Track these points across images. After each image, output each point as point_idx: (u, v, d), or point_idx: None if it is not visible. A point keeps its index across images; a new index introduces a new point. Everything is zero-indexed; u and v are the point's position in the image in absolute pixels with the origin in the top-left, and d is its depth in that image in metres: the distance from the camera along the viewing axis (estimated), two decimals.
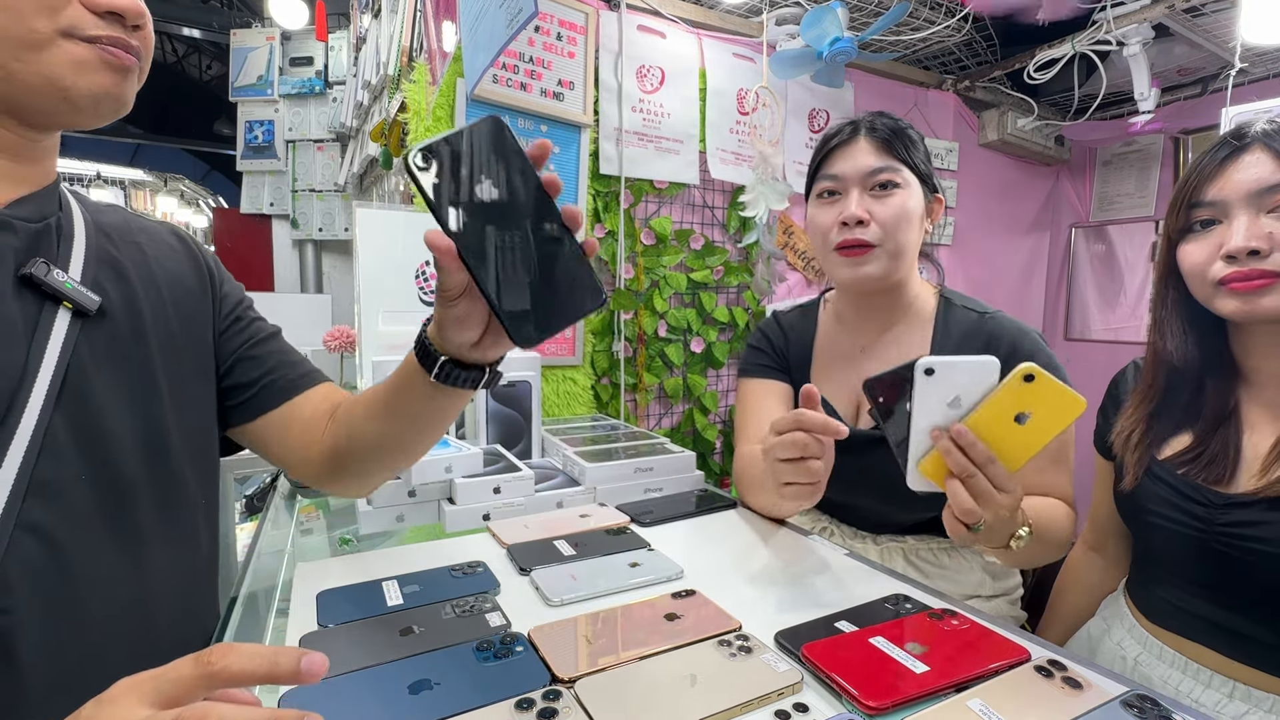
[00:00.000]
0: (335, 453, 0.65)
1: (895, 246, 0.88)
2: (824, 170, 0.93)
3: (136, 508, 0.54)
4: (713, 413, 1.82)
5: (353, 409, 0.65)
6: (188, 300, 0.63)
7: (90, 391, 0.52)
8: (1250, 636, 0.67)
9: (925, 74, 2.11)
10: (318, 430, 0.67)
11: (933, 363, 0.59)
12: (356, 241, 1.15)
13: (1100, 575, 0.88)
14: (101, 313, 0.54)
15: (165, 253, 0.63)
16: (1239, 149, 0.66)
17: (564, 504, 0.92)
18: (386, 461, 0.65)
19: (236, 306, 0.68)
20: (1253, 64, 1.82)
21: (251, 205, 3.26)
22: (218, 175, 6.90)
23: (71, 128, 0.54)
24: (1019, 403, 0.59)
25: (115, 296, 0.56)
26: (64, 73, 0.49)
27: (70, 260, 0.54)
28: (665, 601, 0.61)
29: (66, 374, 0.50)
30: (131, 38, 0.52)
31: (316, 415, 0.68)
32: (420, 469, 0.84)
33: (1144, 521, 0.75)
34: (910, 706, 0.47)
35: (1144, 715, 0.45)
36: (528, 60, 1.47)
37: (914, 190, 0.89)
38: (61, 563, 0.48)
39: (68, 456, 0.50)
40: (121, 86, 0.52)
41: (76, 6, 0.48)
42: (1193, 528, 0.69)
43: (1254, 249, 0.63)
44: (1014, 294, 2.45)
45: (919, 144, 0.92)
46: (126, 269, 0.58)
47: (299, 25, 2.96)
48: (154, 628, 0.54)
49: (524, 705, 0.45)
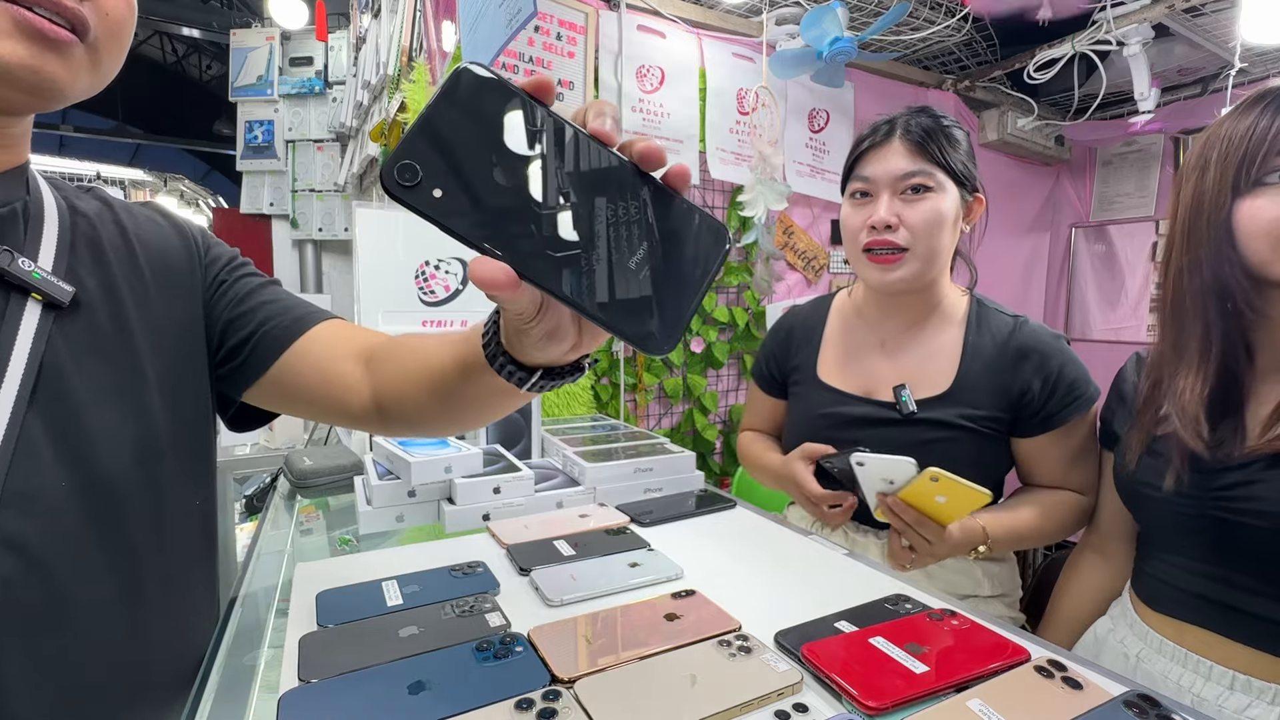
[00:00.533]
0: (382, 411, 0.58)
1: (926, 251, 0.89)
2: (857, 171, 0.93)
3: (126, 516, 0.50)
4: (713, 413, 1.82)
5: (398, 375, 0.57)
6: (175, 278, 0.58)
7: (68, 390, 0.47)
8: (1248, 611, 0.66)
9: (925, 74, 2.11)
10: (343, 375, 0.60)
11: (863, 459, 0.79)
12: (356, 241, 1.15)
13: (1101, 577, 0.88)
14: (76, 304, 0.49)
15: (148, 230, 0.59)
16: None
17: (564, 504, 0.92)
18: (442, 431, 0.62)
19: (223, 269, 0.63)
20: (1252, 64, 1.82)
21: (251, 205, 3.26)
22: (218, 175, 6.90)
23: (5, 108, 0.46)
24: (934, 491, 0.76)
25: (93, 285, 0.51)
26: None
27: (40, 247, 0.48)
28: (665, 601, 0.61)
29: (40, 372, 0.45)
30: (79, 5, 0.43)
31: (333, 358, 0.60)
32: (420, 469, 0.84)
33: (1140, 496, 0.75)
34: (910, 706, 0.47)
35: (1144, 715, 0.45)
36: (528, 60, 1.47)
37: (948, 193, 0.89)
38: (44, 579, 0.45)
39: (46, 462, 0.45)
40: (43, 60, 0.43)
41: None
42: (1191, 495, 0.68)
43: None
44: (1014, 294, 2.45)
45: (961, 143, 0.91)
46: (105, 252, 0.53)
47: (299, 25, 2.96)
48: (147, 647, 0.52)
49: (524, 705, 0.45)
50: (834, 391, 0.99)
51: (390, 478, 0.88)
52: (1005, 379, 0.89)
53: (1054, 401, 0.88)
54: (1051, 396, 0.88)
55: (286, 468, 1.10)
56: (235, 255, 0.66)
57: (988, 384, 0.90)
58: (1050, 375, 0.88)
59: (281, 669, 0.51)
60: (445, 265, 1.22)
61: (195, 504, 0.58)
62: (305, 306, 0.64)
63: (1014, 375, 0.89)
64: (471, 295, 1.23)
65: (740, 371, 1.87)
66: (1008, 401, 0.89)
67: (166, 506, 0.54)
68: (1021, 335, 0.91)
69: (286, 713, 0.45)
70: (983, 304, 0.97)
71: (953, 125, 0.91)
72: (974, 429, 0.90)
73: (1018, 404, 0.89)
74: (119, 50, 0.49)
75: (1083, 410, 0.88)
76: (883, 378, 0.96)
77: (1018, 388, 0.89)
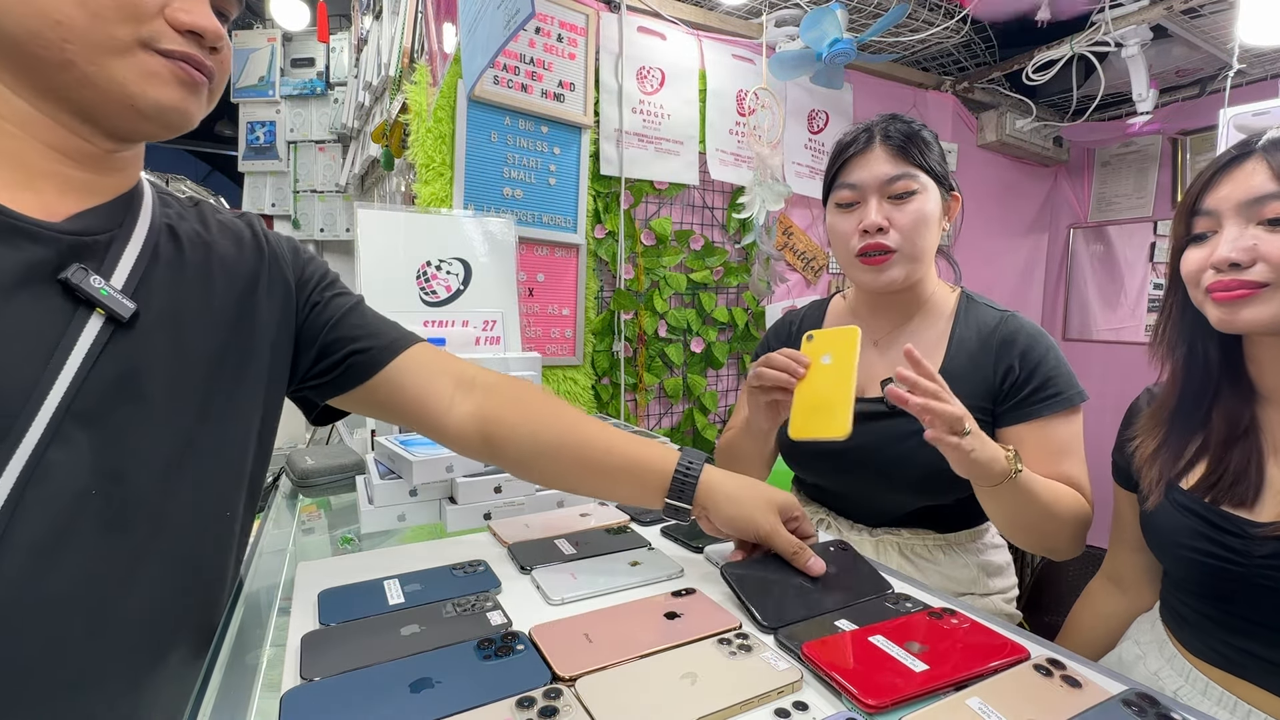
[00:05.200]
0: (489, 447, 0.71)
1: (914, 250, 0.91)
2: (841, 179, 0.94)
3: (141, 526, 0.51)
4: (713, 412, 1.82)
5: (530, 434, 0.70)
6: (249, 300, 0.61)
7: (113, 402, 0.50)
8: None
9: (924, 75, 2.11)
10: (436, 398, 0.69)
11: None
12: (358, 242, 1.15)
13: (1116, 605, 0.86)
14: (135, 319, 0.52)
15: (231, 252, 0.62)
16: (1238, 158, 0.66)
17: (564, 503, 0.93)
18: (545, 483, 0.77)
19: (315, 289, 0.68)
20: (1250, 65, 1.82)
21: (253, 206, 3.26)
22: (219, 176, 6.90)
23: (138, 138, 0.55)
24: (818, 352, 0.82)
25: (158, 306, 0.54)
26: (134, 80, 0.49)
27: (116, 267, 0.52)
28: (665, 600, 0.62)
29: (85, 382, 0.48)
30: (207, 58, 0.53)
31: (423, 383, 0.69)
32: (422, 468, 0.85)
33: (1177, 556, 0.71)
34: (910, 705, 0.47)
35: (1143, 714, 0.46)
36: (528, 62, 1.47)
37: (931, 193, 0.91)
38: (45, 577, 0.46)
39: (78, 468, 0.47)
40: (188, 102, 0.53)
41: (160, 21, 0.50)
42: (1232, 562, 0.65)
43: (1234, 261, 0.63)
44: (1013, 294, 2.45)
45: (933, 145, 0.93)
46: (182, 275, 0.57)
47: (300, 26, 2.96)
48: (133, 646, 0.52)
49: (525, 703, 0.45)
50: None
51: (392, 477, 0.88)
52: (987, 369, 0.90)
53: (1033, 389, 0.87)
54: (1030, 381, 0.87)
55: (289, 467, 1.10)
56: (325, 274, 0.71)
57: (972, 374, 0.90)
58: (1032, 363, 0.88)
59: (283, 667, 0.51)
60: (446, 265, 1.22)
61: (225, 514, 0.59)
62: (397, 330, 0.72)
63: (996, 362, 0.90)
64: (472, 295, 1.24)
65: (739, 371, 1.88)
66: (990, 390, 0.90)
67: (187, 520, 0.55)
68: (1007, 326, 0.92)
69: (289, 711, 0.45)
70: (972, 299, 0.98)
71: (923, 128, 0.94)
72: None
73: (999, 391, 0.89)
74: (222, 88, 0.59)
75: (1062, 409, 0.87)
76: (875, 375, 0.97)
77: (999, 373, 0.89)
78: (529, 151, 1.50)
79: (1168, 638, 0.76)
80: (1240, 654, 0.67)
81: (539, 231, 1.53)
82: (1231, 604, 0.67)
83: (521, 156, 1.50)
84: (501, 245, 1.29)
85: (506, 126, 1.47)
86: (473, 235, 1.27)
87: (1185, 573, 0.72)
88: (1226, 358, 0.72)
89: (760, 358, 0.86)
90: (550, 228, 1.55)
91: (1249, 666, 0.67)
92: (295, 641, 0.54)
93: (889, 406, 0.93)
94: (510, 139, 1.48)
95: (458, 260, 1.23)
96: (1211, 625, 0.70)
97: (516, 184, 1.50)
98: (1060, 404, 0.87)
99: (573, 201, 1.57)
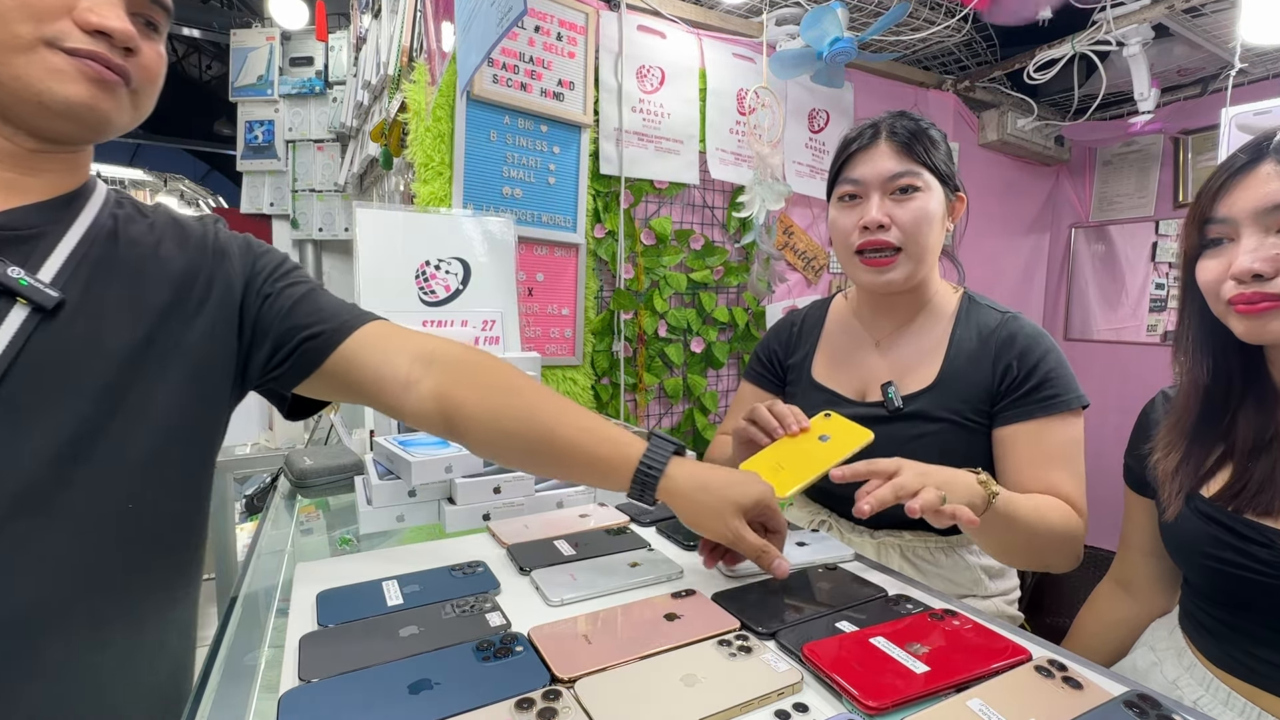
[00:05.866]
0: (451, 428, 0.68)
1: (917, 250, 0.90)
2: (845, 174, 0.94)
3: (53, 519, 0.52)
4: (713, 413, 1.82)
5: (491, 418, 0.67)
6: (184, 296, 0.61)
7: (24, 387, 0.51)
8: None
9: (925, 74, 2.11)
10: (392, 377, 0.67)
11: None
12: (357, 241, 1.15)
13: (1125, 611, 0.84)
14: (59, 309, 0.52)
15: (171, 251, 0.62)
16: (1251, 163, 0.63)
17: (564, 504, 0.92)
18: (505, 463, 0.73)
19: (266, 281, 0.68)
20: (1252, 64, 1.82)
21: (251, 205, 3.26)
22: (218, 175, 6.90)
23: (60, 138, 0.55)
24: (818, 430, 0.80)
25: (84, 297, 0.55)
26: (39, 77, 0.50)
27: (46, 261, 0.53)
28: (665, 601, 0.61)
29: (12, 365, 0.50)
30: (117, 57, 0.53)
31: (378, 361, 0.68)
32: (421, 469, 0.84)
33: (1199, 565, 0.70)
34: (910, 706, 0.47)
35: (1144, 715, 0.45)
36: (528, 60, 1.47)
37: (935, 192, 0.90)
38: None
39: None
40: (99, 99, 0.53)
41: (66, 22, 0.51)
42: (1257, 571, 0.64)
43: (1256, 272, 0.60)
44: (1014, 294, 2.45)
45: (940, 144, 0.92)
46: (117, 269, 0.58)
47: (299, 25, 2.96)
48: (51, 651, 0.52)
49: (524, 705, 0.45)
50: (827, 392, 0.99)
51: (391, 477, 0.88)
52: (986, 369, 0.89)
53: (1029, 389, 0.86)
54: (1027, 381, 0.87)
55: (287, 467, 1.10)
56: (278, 266, 0.70)
57: (972, 375, 0.90)
58: (1030, 362, 0.87)
59: (282, 668, 0.51)
60: (445, 265, 1.22)
61: (129, 523, 0.57)
62: (350, 312, 0.70)
63: (995, 362, 0.89)
64: (471, 295, 1.23)
65: (739, 371, 1.87)
66: (988, 390, 0.89)
67: (105, 511, 0.55)
68: (1008, 327, 0.91)
69: (287, 712, 0.45)
70: (974, 300, 0.97)
71: (930, 127, 0.93)
72: (959, 422, 0.89)
73: (996, 391, 0.89)
74: (153, 94, 0.60)
75: (1059, 411, 0.85)
76: (876, 377, 0.96)
77: (998, 373, 0.88)
78: (528, 151, 1.50)
79: (1186, 645, 0.74)
80: (1264, 664, 0.66)
81: (538, 231, 1.52)
82: (1256, 613, 0.66)
83: (521, 156, 1.49)
84: (501, 245, 1.29)
85: (506, 125, 1.47)
86: (472, 235, 1.26)
87: (1208, 581, 0.70)
88: (1248, 366, 0.70)
89: (763, 406, 0.84)
90: (550, 227, 1.54)
91: (1273, 677, 0.65)
92: (293, 642, 0.54)
93: (890, 409, 0.93)
94: (509, 138, 1.47)
95: (457, 260, 1.23)
96: (1234, 634, 0.68)
97: (516, 183, 1.49)
98: (1057, 406, 0.85)
99: (572, 201, 1.57)
